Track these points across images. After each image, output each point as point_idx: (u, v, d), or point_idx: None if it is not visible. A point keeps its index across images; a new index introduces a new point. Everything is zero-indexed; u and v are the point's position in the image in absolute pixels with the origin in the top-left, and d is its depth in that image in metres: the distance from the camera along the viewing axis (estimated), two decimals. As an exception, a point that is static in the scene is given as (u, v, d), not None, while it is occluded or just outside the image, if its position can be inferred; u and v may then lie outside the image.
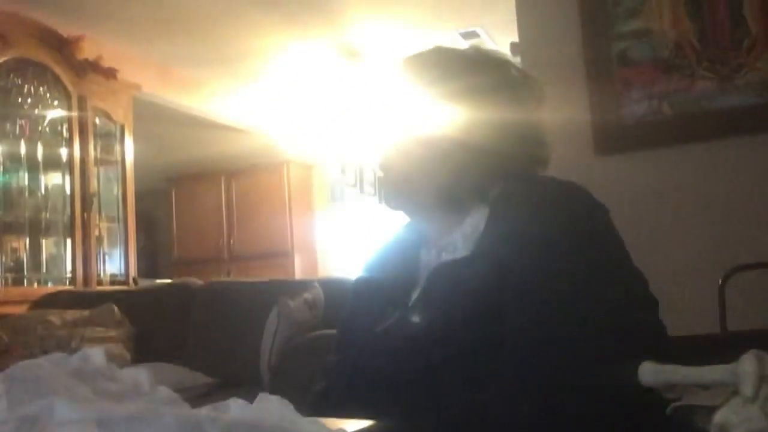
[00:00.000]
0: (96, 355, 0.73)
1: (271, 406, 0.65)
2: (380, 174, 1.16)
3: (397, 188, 1.13)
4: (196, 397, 2.51)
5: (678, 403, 0.56)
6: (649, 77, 2.53)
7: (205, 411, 0.63)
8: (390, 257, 1.18)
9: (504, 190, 1.07)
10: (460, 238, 1.08)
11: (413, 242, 1.16)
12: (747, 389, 0.50)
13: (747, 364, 0.51)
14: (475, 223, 1.07)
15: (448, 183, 1.09)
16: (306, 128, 7.70)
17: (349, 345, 1.12)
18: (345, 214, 8.19)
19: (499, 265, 0.96)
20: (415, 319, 1.03)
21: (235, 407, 0.65)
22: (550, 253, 0.95)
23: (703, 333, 1.57)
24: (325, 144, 7.94)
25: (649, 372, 0.58)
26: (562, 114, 2.60)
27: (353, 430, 0.70)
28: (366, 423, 0.73)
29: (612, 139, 2.54)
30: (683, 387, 0.56)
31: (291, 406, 0.65)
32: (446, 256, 1.08)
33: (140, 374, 0.72)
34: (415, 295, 1.07)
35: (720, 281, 2.11)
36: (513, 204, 1.03)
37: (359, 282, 1.22)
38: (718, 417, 0.51)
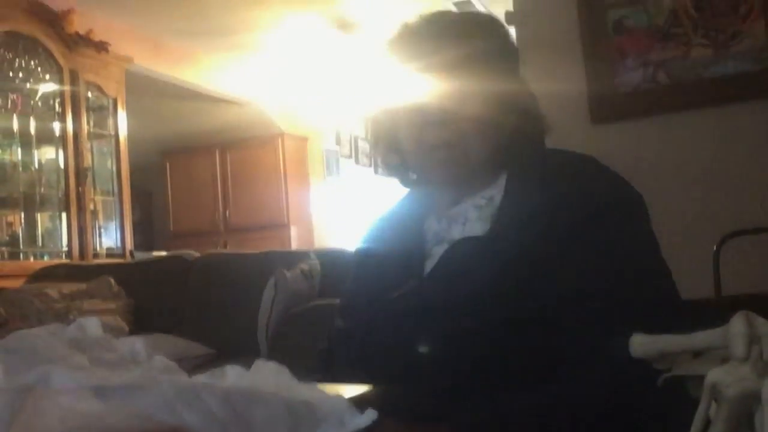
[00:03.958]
0: (92, 324, 0.73)
1: (268, 373, 0.65)
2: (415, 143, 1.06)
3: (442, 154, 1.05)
4: (194, 367, 2.52)
5: (669, 374, 0.55)
6: (644, 45, 2.51)
7: (202, 378, 0.63)
8: (392, 228, 1.17)
9: (518, 164, 1.06)
10: (472, 208, 1.07)
11: (416, 212, 1.14)
12: (738, 350, 0.50)
13: (736, 325, 0.51)
14: (488, 194, 1.06)
15: (486, 151, 1.06)
16: (300, 100, 7.65)
17: (358, 312, 1.10)
18: (340, 185, 8.18)
19: (522, 246, 0.96)
20: (435, 288, 1.01)
21: (232, 374, 0.65)
22: (575, 234, 0.95)
23: (697, 298, 1.58)
24: (319, 115, 7.90)
25: (639, 343, 0.57)
26: (558, 83, 2.59)
27: (352, 395, 0.70)
28: (364, 388, 0.73)
29: (608, 107, 2.53)
30: (674, 356, 0.55)
31: (288, 372, 0.65)
32: (457, 227, 1.07)
33: (137, 343, 0.72)
34: (429, 266, 1.05)
35: (715, 247, 2.12)
36: (530, 181, 1.03)
37: (361, 252, 1.21)
38: (710, 377, 0.51)
